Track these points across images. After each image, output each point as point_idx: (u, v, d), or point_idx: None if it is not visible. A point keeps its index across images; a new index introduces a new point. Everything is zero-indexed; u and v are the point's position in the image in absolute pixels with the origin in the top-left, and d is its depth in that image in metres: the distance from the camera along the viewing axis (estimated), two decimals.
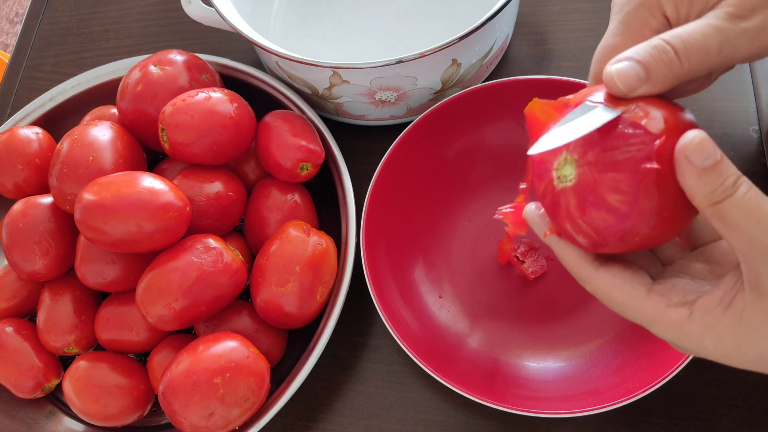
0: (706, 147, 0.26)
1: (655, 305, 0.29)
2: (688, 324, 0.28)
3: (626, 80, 0.27)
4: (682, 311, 0.29)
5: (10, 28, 1.67)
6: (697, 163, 0.25)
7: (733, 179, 0.26)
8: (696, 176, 0.26)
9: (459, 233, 0.52)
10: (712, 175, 0.25)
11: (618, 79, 0.27)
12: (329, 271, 0.47)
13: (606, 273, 0.30)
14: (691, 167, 0.26)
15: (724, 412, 0.44)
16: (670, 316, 0.29)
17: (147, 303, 0.44)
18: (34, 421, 0.50)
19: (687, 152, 0.26)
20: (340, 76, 0.49)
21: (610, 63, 0.28)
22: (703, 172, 0.25)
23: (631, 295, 0.30)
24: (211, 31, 0.61)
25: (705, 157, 0.25)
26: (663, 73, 0.27)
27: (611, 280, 0.30)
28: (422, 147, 0.51)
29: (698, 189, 0.26)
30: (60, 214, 0.49)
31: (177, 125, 0.47)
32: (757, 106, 0.52)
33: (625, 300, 0.30)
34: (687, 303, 0.29)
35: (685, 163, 0.26)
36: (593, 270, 0.31)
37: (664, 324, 0.29)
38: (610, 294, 0.30)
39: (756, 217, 0.25)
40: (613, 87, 0.28)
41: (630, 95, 0.28)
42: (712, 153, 0.26)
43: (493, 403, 0.42)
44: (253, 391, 0.42)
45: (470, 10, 0.56)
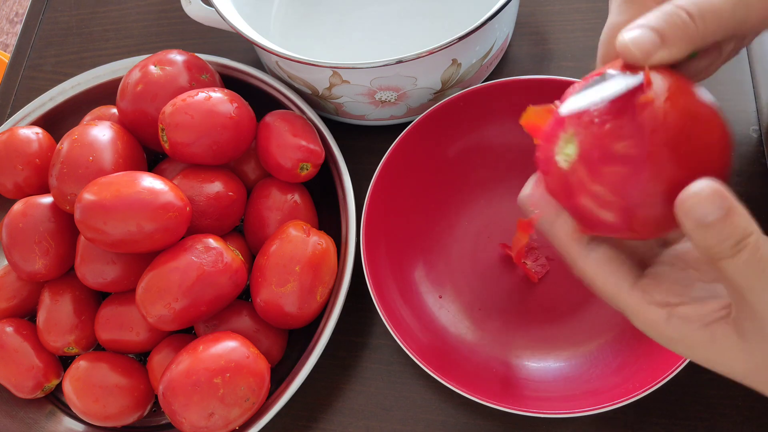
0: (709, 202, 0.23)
1: (637, 301, 0.29)
2: (665, 327, 0.28)
3: (642, 45, 0.26)
4: (660, 313, 0.28)
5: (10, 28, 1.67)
6: (695, 218, 0.24)
7: (734, 240, 0.24)
8: (695, 229, 0.24)
9: (459, 233, 0.52)
10: (712, 232, 0.24)
11: (633, 45, 0.26)
12: (329, 271, 0.47)
13: (596, 257, 0.30)
14: (689, 219, 0.24)
15: (724, 412, 0.44)
16: (648, 314, 0.29)
17: (147, 303, 0.44)
18: (34, 421, 0.50)
19: (687, 205, 0.24)
20: (340, 76, 0.49)
21: (622, 32, 0.27)
22: (701, 227, 0.24)
23: (615, 286, 0.29)
24: (211, 31, 0.61)
25: (706, 213, 0.23)
26: (678, 36, 0.26)
27: (598, 268, 0.30)
28: (422, 147, 0.51)
29: (697, 241, 0.24)
30: (60, 214, 0.49)
31: (177, 125, 0.47)
32: (757, 106, 0.52)
33: (609, 289, 0.30)
34: (668, 305, 0.28)
35: (684, 216, 0.24)
36: (585, 252, 0.30)
37: (641, 319, 0.29)
38: (594, 281, 0.30)
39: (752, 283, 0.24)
40: (629, 54, 0.26)
41: (647, 62, 0.26)
42: (712, 210, 0.23)
43: (493, 403, 0.42)
44: (253, 391, 0.42)
45: (470, 10, 0.56)
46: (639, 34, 0.26)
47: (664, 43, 0.26)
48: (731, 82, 0.53)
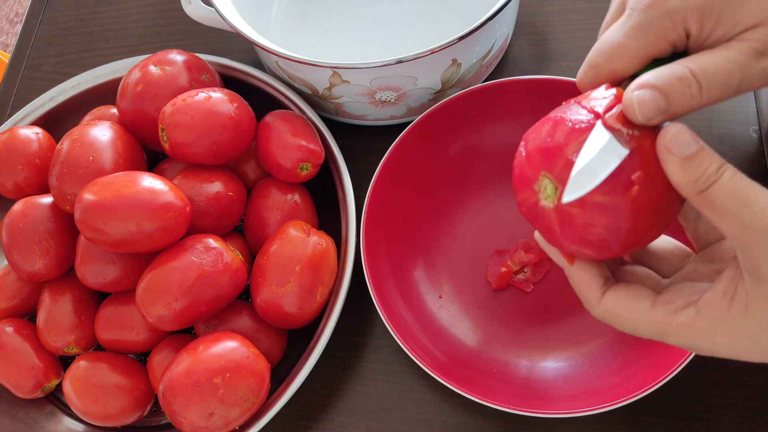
0: (685, 137, 0.26)
1: (662, 314, 0.29)
2: (697, 322, 0.28)
3: (646, 111, 0.27)
4: (689, 312, 0.29)
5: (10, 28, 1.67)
6: (677, 153, 0.26)
7: (716, 166, 0.26)
8: (679, 166, 0.26)
9: (459, 233, 0.52)
10: (694, 163, 0.26)
11: (638, 108, 0.27)
12: (329, 271, 0.47)
13: (612, 294, 0.31)
14: (673, 157, 0.26)
15: (724, 412, 0.44)
16: (678, 320, 0.29)
17: (147, 303, 0.44)
18: (34, 421, 0.50)
19: (666, 143, 0.26)
20: (340, 76, 0.49)
21: (632, 87, 0.27)
22: (685, 161, 0.26)
23: (637, 310, 0.30)
24: (211, 31, 0.61)
25: (684, 147, 0.26)
26: (682, 106, 0.27)
27: (617, 301, 0.30)
28: (422, 147, 0.51)
29: (683, 178, 0.26)
30: (60, 214, 0.49)
31: (177, 125, 0.47)
32: (757, 106, 0.52)
33: (632, 315, 0.30)
34: (692, 303, 0.29)
35: (667, 155, 0.26)
36: (600, 295, 0.31)
37: (674, 329, 0.29)
38: (617, 313, 0.31)
39: (743, 200, 0.25)
40: (631, 114, 0.27)
41: (647, 124, 0.27)
42: (692, 142, 0.26)
43: (493, 403, 0.42)
44: (253, 391, 0.42)
45: (470, 10, 0.56)
46: (647, 98, 0.27)
47: (667, 110, 0.27)
48: None
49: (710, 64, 0.27)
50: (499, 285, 0.49)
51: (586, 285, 0.32)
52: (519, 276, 0.50)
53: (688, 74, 0.27)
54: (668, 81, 0.27)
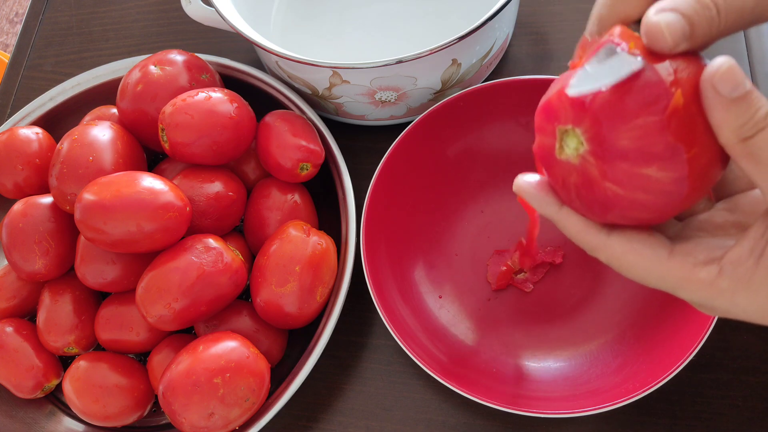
0: (736, 75, 0.23)
1: (680, 266, 0.27)
2: (720, 281, 0.26)
3: (675, 34, 0.24)
4: (711, 269, 0.26)
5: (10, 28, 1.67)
6: (725, 93, 0.23)
7: (766, 110, 0.23)
8: (725, 108, 0.23)
9: (459, 233, 0.52)
10: (742, 106, 0.23)
11: (667, 31, 0.24)
12: (329, 271, 0.47)
13: (620, 238, 0.28)
14: (719, 98, 0.23)
15: (724, 412, 0.44)
16: (698, 275, 0.27)
17: (147, 303, 0.44)
18: (34, 421, 0.50)
19: (714, 81, 0.23)
20: (340, 76, 0.49)
21: (653, 11, 0.25)
22: (732, 102, 0.23)
23: (652, 258, 0.27)
24: (211, 31, 0.61)
25: (734, 86, 0.23)
26: (705, 32, 0.25)
27: (628, 245, 0.28)
28: (422, 147, 0.51)
29: (727, 122, 0.23)
30: (60, 214, 0.49)
31: (177, 125, 0.47)
32: None
33: (645, 264, 0.28)
34: (715, 260, 0.27)
35: (713, 94, 0.23)
36: (604, 237, 0.28)
37: (693, 284, 0.27)
38: (627, 259, 0.28)
39: None
40: (660, 40, 0.24)
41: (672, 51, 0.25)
42: (742, 82, 0.23)
43: (493, 403, 0.42)
44: (253, 391, 0.42)
45: (470, 10, 0.56)
46: (673, 21, 0.24)
47: (692, 35, 0.25)
48: None
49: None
50: (499, 285, 0.50)
51: (582, 230, 0.29)
52: (519, 276, 0.50)
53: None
54: (688, 3, 0.24)
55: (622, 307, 0.47)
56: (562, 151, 0.27)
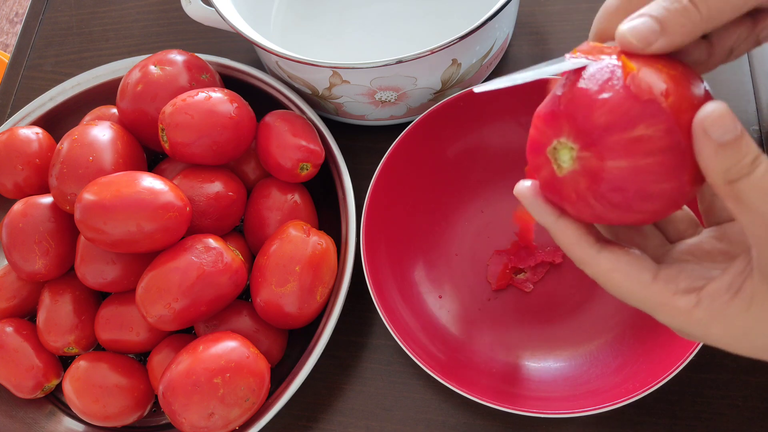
0: (727, 121, 0.24)
1: (661, 292, 0.28)
2: (696, 311, 0.27)
3: (640, 34, 0.25)
4: (689, 298, 0.27)
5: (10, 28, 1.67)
6: (715, 137, 0.24)
7: (751, 157, 0.24)
8: (713, 151, 0.24)
9: (459, 233, 0.52)
10: (729, 151, 0.24)
11: (631, 34, 0.25)
12: (329, 271, 0.47)
13: (609, 256, 0.29)
14: (709, 141, 0.24)
15: (724, 412, 0.44)
16: (677, 303, 0.28)
17: (147, 303, 0.44)
18: (34, 421, 0.50)
19: (706, 125, 0.24)
20: (340, 76, 0.49)
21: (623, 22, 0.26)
22: (720, 147, 0.24)
23: (637, 281, 0.28)
24: (211, 31, 0.61)
25: (724, 132, 0.24)
26: (680, 23, 0.25)
27: (615, 264, 0.29)
28: (422, 147, 0.51)
29: (714, 165, 0.24)
30: (60, 214, 0.49)
31: (177, 125, 0.47)
32: (757, 106, 0.52)
33: (629, 284, 0.28)
34: (695, 289, 0.28)
35: (702, 136, 0.24)
36: (595, 252, 0.29)
37: (670, 311, 0.28)
38: (612, 278, 0.29)
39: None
40: (627, 44, 0.26)
41: (647, 50, 0.26)
42: (732, 127, 0.24)
43: (493, 403, 0.42)
44: (253, 391, 0.42)
45: (470, 10, 0.56)
46: (637, 23, 0.26)
47: (664, 30, 0.25)
48: (731, 82, 0.53)
49: None
50: (499, 285, 0.50)
51: (575, 243, 0.29)
52: (519, 276, 0.50)
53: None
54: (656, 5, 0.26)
55: (622, 307, 0.47)
56: (561, 168, 0.27)
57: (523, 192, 0.31)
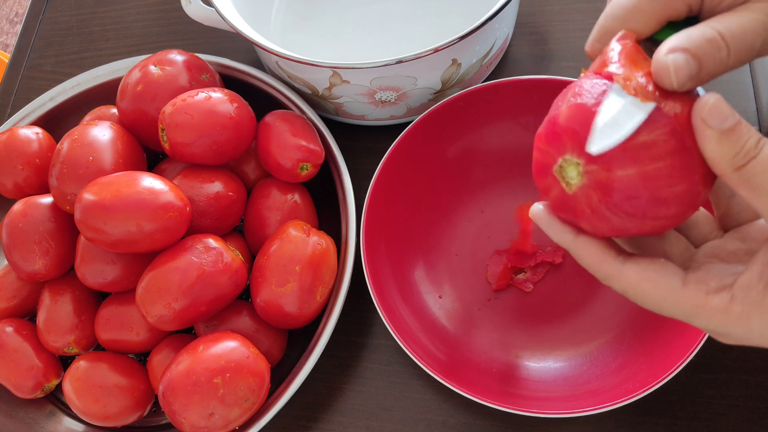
0: (723, 109, 0.24)
1: (694, 294, 0.27)
2: (732, 306, 0.27)
3: (681, 77, 0.25)
4: (723, 296, 0.27)
5: (10, 28, 1.67)
6: (715, 126, 0.24)
7: (755, 139, 0.24)
8: (716, 140, 0.24)
9: (459, 233, 0.52)
10: (732, 138, 0.24)
11: (674, 72, 0.25)
12: (329, 271, 0.47)
13: (635, 267, 0.28)
14: (710, 131, 0.24)
15: (724, 412, 0.44)
16: (711, 303, 0.27)
17: (147, 303, 0.44)
18: (34, 421, 0.50)
19: (704, 115, 0.25)
20: (340, 76, 0.49)
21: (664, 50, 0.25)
22: (722, 135, 0.24)
23: (667, 287, 0.28)
24: (211, 31, 0.61)
25: (722, 119, 0.24)
26: (711, 71, 0.26)
27: (643, 274, 0.28)
28: (422, 147, 0.51)
29: (720, 154, 0.25)
30: (60, 214, 0.49)
31: (177, 125, 0.47)
32: (757, 106, 0.52)
33: (660, 292, 0.28)
34: (726, 287, 0.27)
35: (703, 128, 0.25)
36: (619, 265, 0.29)
37: (707, 312, 0.27)
38: (643, 289, 0.28)
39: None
40: (665, 80, 0.26)
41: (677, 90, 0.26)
42: (730, 114, 0.24)
43: (493, 403, 0.42)
44: (253, 391, 0.42)
45: (470, 10, 0.56)
46: (682, 62, 0.25)
47: (698, 75, 0.26)
48: (731, 82, 0.53)
49: (736, 25, 0.26)
50: (499, 285, 0.50)
51: (598, 260, 0.29)
52: (519, 276, 0.50)
53: (718, 37, 0.25)
54: (700, 44, 0.25)
55: (622, 307, 0.47)
56: (570, 185, 0.27)
57: (538, 214, 0.30)
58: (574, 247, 0.29)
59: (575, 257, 0.30)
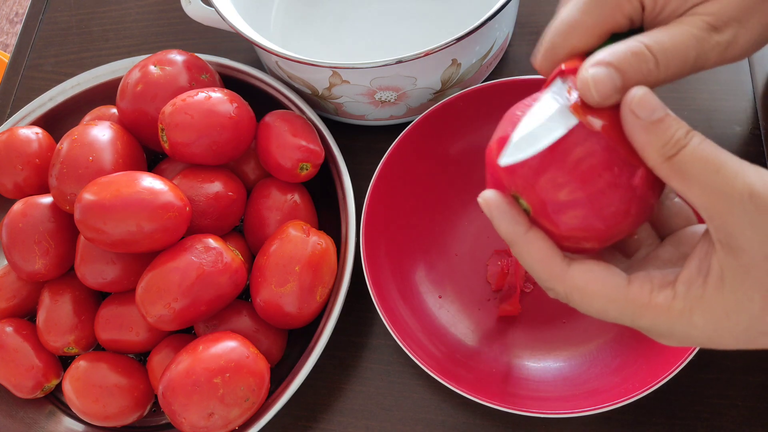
0: (651, 100, 0.25)
1: (639, 292, 0.27)
2: (675, 302, 0.27)
3: (602, 90, 0.26)
4: (666, 293, 0.27)
5: (10, 28, 1.67)
6: (644, 117, 0.25)
7: (684, 130, 0.25)
8: (645, 130, 0.25)
9: (459, 233, 0.52)
10: (661, 127, 0.25)
11: (594, 87, 0.26)
12: (329, 271, 0.47)
13: (581, 267, 0.28)
14: (640, 122, 0.25)
15: (724, 412, 0.44)
16: (656, 301, 0.27)
17: (147, 303, 0.44)
18: (34, 421, 0.50)
19: (632, 106, 0.25)
20: (339, 76, 0.49)
21: (587, 65, 0.26)
22: (651, 125, 0.25)
23: (614, 285, 0.28)
24: (211, 31, 0.61)
25: (651, 111, 0.25)
26: (639, 82, 0.26)
27: (590, 274, 0.28)
28: (422, 147, 0.51)
29: (649, 143, 0.25)
30: (60, 214, 0.49)
31: (177, 125, 0.47)
32: (756, 106, 0.52)
33: (606, 292, 0.28)
34: (669, 283, 0.27)
35: (632, 118, 0.25)
36: (566, 266, 0.28)
37: (651, 311, 0.27)
38: (588, 290, 0.28)
39: (714, 166, 0.24)
40: (588, 95, 0.26)
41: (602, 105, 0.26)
42: (659, 107, 0.25)
43: (493, 403, 0.42)
44: (253, 391, 0.42)
45: (470, 10, 0.56)
46: (602, 76, 0.26)
47: (623, 88, 0.26)
48: (731, 82, 0.53)
49: (666, 38, 0.27)
50: (499, 285, 0.49)
51: (546, 258, 0.28)
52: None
53: (644, 49, 0.26)
54: (623, 57, 0.26)
55: None
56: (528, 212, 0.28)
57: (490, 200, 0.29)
58: (523, 241, 0.28)
59: (518, 254, 0.29)
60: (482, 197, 0.29)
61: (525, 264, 0.29)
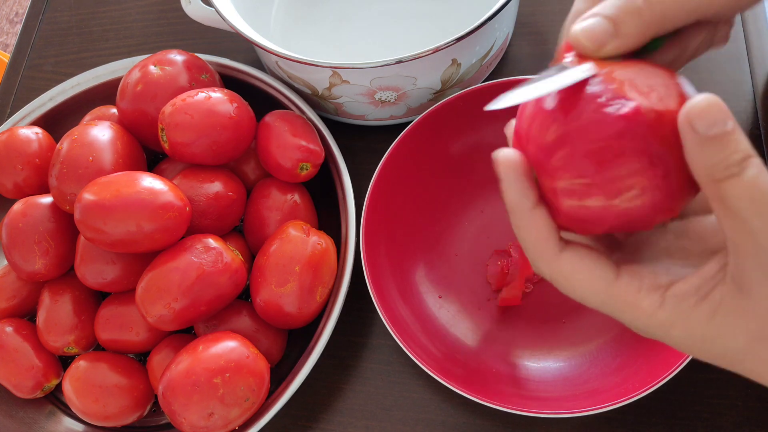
0: (713, 113, 0.22)
1: (625, 290, 0.26)
2: (660, 312, 0.26)
3: (592, 36, 0.25)
4: (653, 298, 0.26)
5: (10, 28, 1.67)
6: (700, 130, 0.22)
7: (741, 156, 0.22)
8: (698, 145, 0.22)
9: (459, 233, 0.52)
10: (716, 146, 0.22)
11: (583, 36, 0.25)
12: (329, 271, 0.47)
13: (571, 254, 0.27)
14: (694, 134, 0.22)
15: (724, 412, 0.44)
16: (641, 303, 0.26)
17: (147, 303, 0.44)
18: (34, 421, 0.50)
19: (691, 117, 0.22)
20: (339, 76, 0.49)
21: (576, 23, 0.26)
22: (706, 141, 0.22)
23: (599, 278, 0.27)
24: (211, 31, 0.61)
25: (710, 124, 0.22)
26: (633, 23, 0.24)
27: (578, 262, 0.27)
28: (422, 147, 0.51)
29: (699, 160, 0.22)
30: (60, 214, 0.49)
31: (177, 125, 0.47)
32: (756, 106, 0.52)
33: (591, 283, 0.27)
34: (659, 288, 0.26)
35: (687, 129, 0.22)
36: (558, 250, 0.27)
37: (634, 311, 0.26)
38: (574, 277, 0.27)
39: (759, 208, 0.22)
40: (580, 46, 0.25)
41: (600, 52, 0.25)
42: (721, 121, 0.22)
43: (493, 403, 0.42)
44: (253, 391, 0.42)
45: (470, 10, 0.56)
46: (590, 24, 0.25)
47: (618, 32, 0.25)
48: (731, 82, 0.53)
49: None
50: (499, 285, 0.49)
51: (541, 240, 0.27)
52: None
53: None
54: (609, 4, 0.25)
55: None
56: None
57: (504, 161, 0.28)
58: (526, 216, 0.27)
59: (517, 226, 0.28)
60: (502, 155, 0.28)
61: (519, 237, 0.28)
